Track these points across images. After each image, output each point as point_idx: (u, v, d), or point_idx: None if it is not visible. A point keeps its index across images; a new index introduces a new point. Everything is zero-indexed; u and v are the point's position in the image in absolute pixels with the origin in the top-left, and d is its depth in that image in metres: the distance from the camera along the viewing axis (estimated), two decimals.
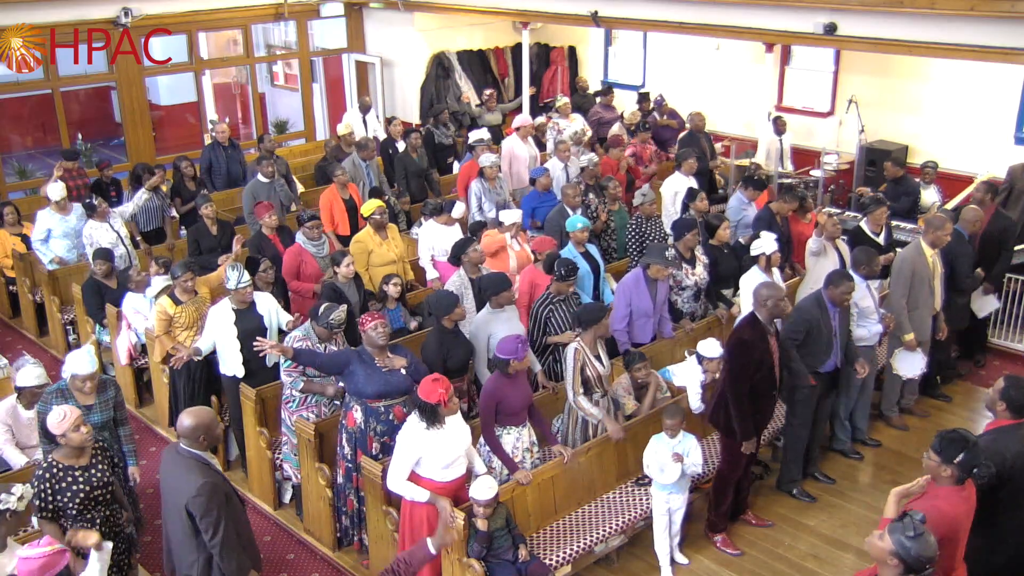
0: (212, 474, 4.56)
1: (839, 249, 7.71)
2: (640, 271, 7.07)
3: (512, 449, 5.74)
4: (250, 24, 13.89)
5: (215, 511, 4.45)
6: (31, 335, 9.70)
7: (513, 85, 15.18)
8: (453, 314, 6.22)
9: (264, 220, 8.28)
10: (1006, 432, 4.86)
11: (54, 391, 5.62)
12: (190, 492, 4.42)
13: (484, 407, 5.67)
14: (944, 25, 8.47)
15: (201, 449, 4.59)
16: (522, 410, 5.76)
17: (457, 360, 6.26)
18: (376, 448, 5.77)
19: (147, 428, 7.97)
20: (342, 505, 6.11)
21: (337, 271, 7.24)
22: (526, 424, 5.84)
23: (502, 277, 6.64)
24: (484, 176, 9.49)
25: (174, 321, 7.04)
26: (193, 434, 4.54)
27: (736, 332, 6.01)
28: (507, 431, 5.74)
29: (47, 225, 9.15)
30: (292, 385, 6.20)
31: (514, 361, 5.57)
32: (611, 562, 6.08)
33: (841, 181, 11.53)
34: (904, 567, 3.69)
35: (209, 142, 11.39)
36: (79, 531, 4.54)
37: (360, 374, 5.70)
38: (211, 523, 4.44)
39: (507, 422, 5.72)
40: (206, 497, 4.43)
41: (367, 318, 5.77)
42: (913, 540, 3.67)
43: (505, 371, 5.62)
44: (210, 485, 4.46)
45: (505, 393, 5.62)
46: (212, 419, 4.63)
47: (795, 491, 6.72)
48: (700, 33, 10.88)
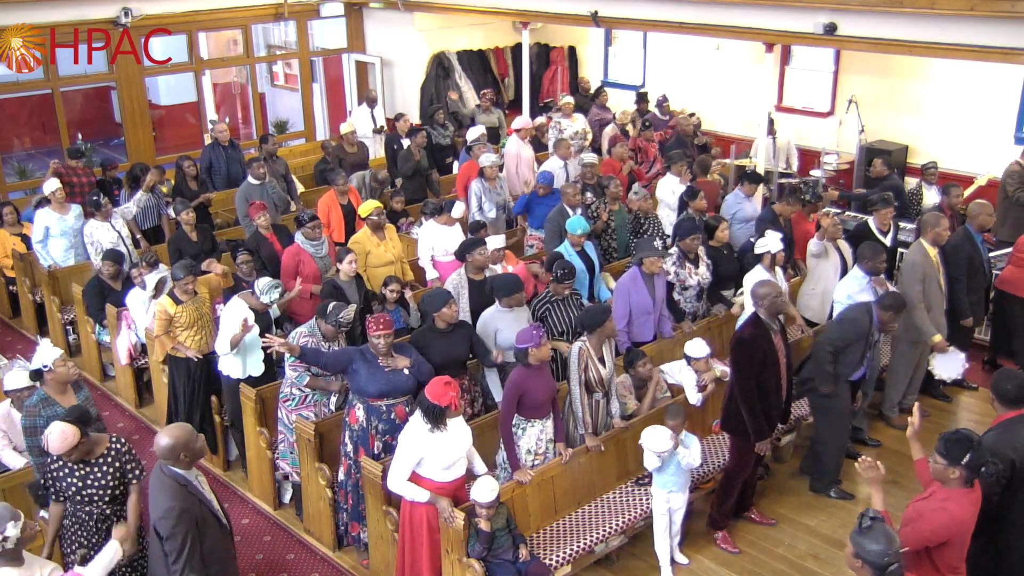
0: (185, 497, 4.47)
1: (840, 249, 7.72)
2: (636, 269, 7.08)
3: (536, 441, 5.74)
4: (250, 24, 13.91)
5: (179, 537, 4.39)
6: (31, 335, 9.70)
7: (513, 85, 15.19)
8: (442, 313, 6.19)
9: (257, 220, 8.30)
10: (1014, 424, 4.85)
11: (38, 403, 5.54)
12: (158, 512, 4.40)
13: (507, 399, 5.66)
14: (944, 25, 8.47)
15: (183, 467, 4.50)
16: (546, 402, 5.75)
17: (438, 359, 6.11)
18: (378, 447, 5.77)
19: (147, 428, 7.97)
20: (342, 501, 6.11)
21: (339, 268, 7.23)
22: (550, 416, 5.84)
23: (515, 280, 6.63)
24: (484, 176, 9.49)
25: (174, 321, 7.03)
26: (172, 453, 4.46)
27: (738, 331, 6.02)
28: (531, 423, 5.74)
29: (44, 224, 9.12)
30: (297, 380, 6.20)
31: (533, 349, 5.56)
32: (611, 562, 6.09)
33: (841, 181, 11.53)
34: (868, 565, 3.66)
35: (209, 142, 11.39)
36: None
37: (363, 372, 5.70)
38: (174, 548, 4.40)
39: (531, 414, 5.72)
40: (172, 521, 4.38)
41: (372, 325, 5.74)
42: (862, 534, 3.66)
43: (527, 362, 5.62)
44: (178, 509, 4.39)
45: (529, 385, 5.62)
46: (190, 435, 4.53)
47: (833, 492, 6.72)
48: (700, 33, 10.89)
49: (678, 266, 7.48)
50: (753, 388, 5.77)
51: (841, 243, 7.77)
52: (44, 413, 5.46)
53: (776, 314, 5.89)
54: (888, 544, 3.63)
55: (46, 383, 5.58)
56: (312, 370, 6.15)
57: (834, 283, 7.47)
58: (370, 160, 11.78)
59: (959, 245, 7.51)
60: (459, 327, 6.35)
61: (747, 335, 5.82)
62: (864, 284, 6.77)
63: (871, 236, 7.77)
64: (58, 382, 5.56)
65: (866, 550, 3.63)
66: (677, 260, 7.49)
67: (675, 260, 7.49)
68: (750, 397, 5.77)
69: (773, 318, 5.87)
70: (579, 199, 8.55)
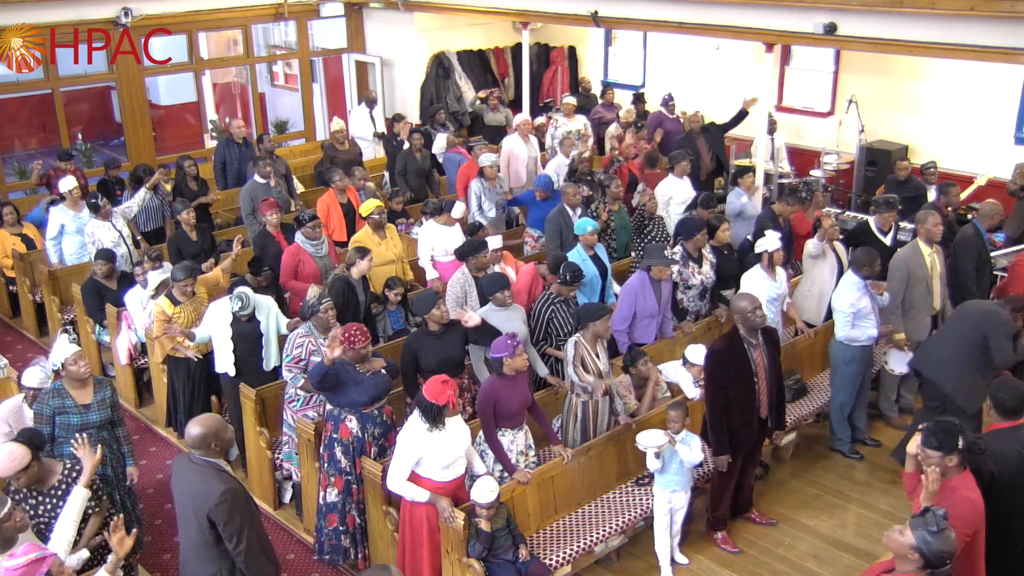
0: (231, 480, 4.45)
1: (836, 251, 7.70)
2: (645, 274, 7.07)
3: (506, 451, 5.70)
4: (250, 24, 13.90)
5: (238, 519, 4.35)
6: (31, 335, 9.70)
7: (513, 85, 15.19)
8: (432, 315, 6.15)
9: (268, 218, 8.29)
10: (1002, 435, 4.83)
11: (50, 391, 5.60)
12: (211, 501, 4.30)
13: (482, 409, 5.62)
14: (944, 25, 8.46)
15: (215, 457, 4.47)
16: (519, 413, 5.71)
17: (432, 362, 6.09)
18: (374, 453, 5.75)
19: (147, 428, 7.97)
20: (340, 525, 5.86)
21: (354, 266, 7.16)
22: (523, 427, 5.80)
23: (500, 277, 6.63)
24: (484, 176, 9.49)
25: (172, 321, 7.03)
26: (204, 443, 4.41)
27: (712, 343, 5.99)
28: (502, 433, 5.70)
29: (60, 221, 9.13)
30: (293, 381, 6.20)
31: (507, 359, 5.52)
32: (611, 562, 6.08)
33: (841, 181, 11.53)
34: (924, 562, 3.70)
35: (223, 139, 11.37)
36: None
37: (351, 387, 5.63)
38: (235, 530, 4.33)
39: (503, 424, 5.68)
40: (230, 504, 4.31)
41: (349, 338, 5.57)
42: (935, 535, 3.69)
43: (500, 372, 5.59)
44: (232, 492, 4.35)
45: (501, 395, 5.57)
46: (220, 424, 4.49)
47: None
48: (700, 33, 10.88)
49: (682, 265, 7.48)
50: (719, 401, 5.72)
51: (838, 245, 7.75)
52: (52, 403, 5.50)
53: (752, 330, 5.75)
54: (951, 547, 3.71)
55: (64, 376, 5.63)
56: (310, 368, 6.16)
57: (830, 285, 7.45)
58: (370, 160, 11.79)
59: (969, 239, 7.53)
60: (452, 327, 6.29)
61: (719, 348, 5.78)
62: (861, 289, 6.77)
63: (871, 236, 7.77)
64: (71, 379, 5.58)
65: (933, 550, 3.68)
66: (681, 259, 7.49)
67: (679, 259, 7.49)
68: (715, 409, 5.74)
69: (751, 333, 5.77)
70: (579, 199, 8.55)
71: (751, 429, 5.90)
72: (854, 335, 6.84)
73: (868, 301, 6.81)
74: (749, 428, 5.88)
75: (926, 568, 3.71)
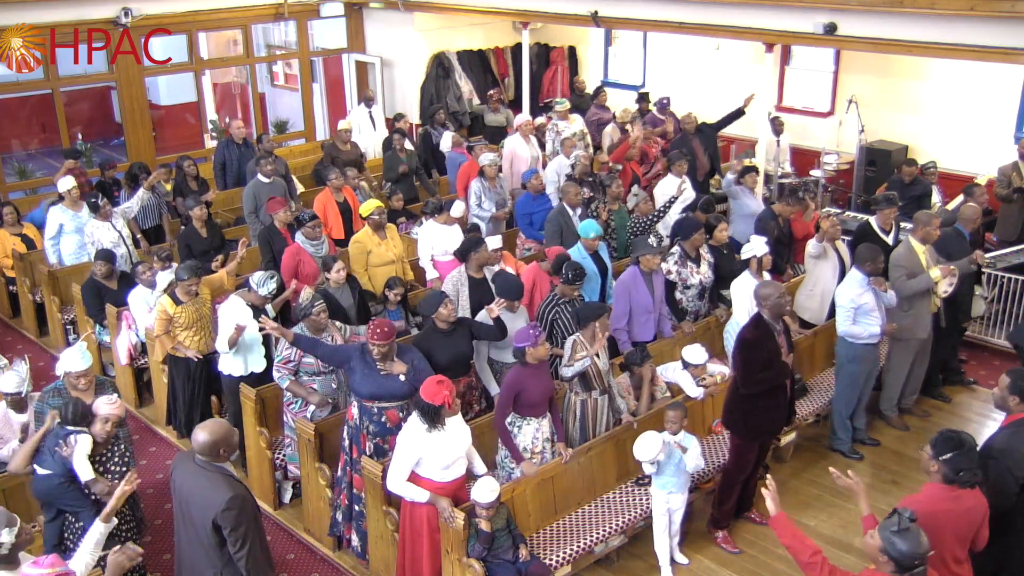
0: (239, 486, 4.49)
1: (838, 251, 7.71)
2: (635, 268, 7.08)
3: (532, 440, 5.74)
4: (250, 24, 13.90)
5: (244, 524, 4.38)
6: (31, 335, 9.70)
7: (513, 85, 15.18)
8: (439, 314, 6.19)
9: (278, 215, 8.28)
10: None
11: (51, 390, 5.61)
12: (219, 506, 4.33)
13: (503, 396, 5.69)
14: (944, 25, 8.47)
15: (222, 462, 4.50)
16: (542, 402, 5.76)
17: (444, 360, 6.12)
18: (369, 448, 5.77)
19: (147, 428, 7.97)
20: (335, 498, 6.08)
21: (328, 277, 7.17)
22: (546, 415, 5.84)
23: (516, 285, 6.58)
24: (484, 175, 9.49)
25: (174, 321, 7.03)
26: (212, 449, 4.43)
27: (741, 332, 6.01)
28: (527, 422, 5.75)
29: (59, 220, 9.14)
30: (279, 382, 6.22)
31: (530, 349, 5.57)
32: (611, 562, 6.08)
33: (841, 181, 11.53)
34: (894, 564, 3.72)
35: (223, 139, 11.37)
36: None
37: (358, 372, 5.70)
38: (240, 536, 4.37)
39: (527, 413, 5.73)
40: (238, 510, 4.35)
41: (371, 332, 5.66)
42: (898, 535, 3.71)
43: (524, 361, 5.63)
44: (240, 499, 4.39)
45: (525, 384, 5.63)
46: (229, 430, 4.52)
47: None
48: (700, 33, 10.89)
49: (680, 265, 7.48)
50: (760, 385, 5.76)
51: (840, 244, 7.77)
52: (51, 402, 5.50)
53: (779, 315, 5.87)
54: (919, 548, 3.70)
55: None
56: (301, 369, 6.18)
57: (832, 285, 7.46)
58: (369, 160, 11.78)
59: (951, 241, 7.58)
60: (459, 325, 6.34)
61: (750, 336, 5.81)
62: (864, 286, 6.77)
63: (873, 235, 7.78)
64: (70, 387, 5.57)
65: (897, 549, 3.69)
66: (679, 259, 7.49)
67: (677, 259, 7.49)
68: (753, 395, 5.77)
69: (776, 319, 5.86)
70: (580, 198, 8.54)
71: (782, 412, 6.04)
72: (855, 331, 6.84)
73: (871, 298, 6.80)
74: (781, 411, 6.02)
75: (899, 570, 3.71)
